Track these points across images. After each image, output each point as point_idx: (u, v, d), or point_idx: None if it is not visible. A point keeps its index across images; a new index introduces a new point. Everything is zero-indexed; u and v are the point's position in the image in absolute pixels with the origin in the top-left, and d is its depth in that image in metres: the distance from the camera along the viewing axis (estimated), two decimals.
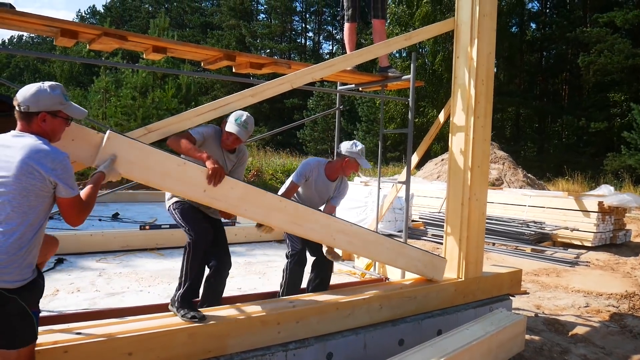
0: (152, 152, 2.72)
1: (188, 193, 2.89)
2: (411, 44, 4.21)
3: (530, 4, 33.21)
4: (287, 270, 3.94)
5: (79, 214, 2.27)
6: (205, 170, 2.85)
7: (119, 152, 2.60)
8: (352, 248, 3.58)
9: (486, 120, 4.25)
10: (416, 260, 3.93)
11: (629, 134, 19.79)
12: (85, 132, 2.64)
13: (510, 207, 10.55)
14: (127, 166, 2.64)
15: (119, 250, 5.93)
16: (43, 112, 2.23)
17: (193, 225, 3.19)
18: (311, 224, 3.30)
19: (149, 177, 2.73)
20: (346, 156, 3.91)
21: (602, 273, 7.40)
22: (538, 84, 34.14)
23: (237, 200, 3.00)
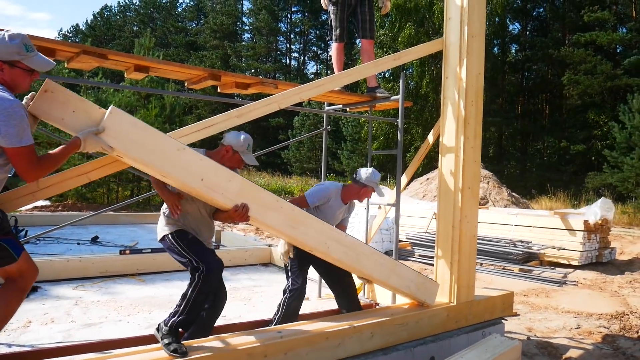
0: (153, 133, 2.67)
1: (185, 180, 2.75)
2: (400, 64, 4.16)
3: (511, 26, 33.90)
4: (283, 305, 3.82)
5: (29, 167, 2.26)
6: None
7: (120, 128, 2.55)
8: (347, 259, 3.44)
9: (476, 142, 4.18)
10: (409, 281, 3.81)
11: (609, 153, 20.06)
12: (87, 106, 2.56)
13: (496, 226, 10.52)
14: (127, 145, 2.57)
15: (98, 276, 5.71)
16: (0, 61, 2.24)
17: (203, 256, 3.05)
18: (306, 228, 3.20)
19: (147, 158, 2.64)
20: (365, 184, 3.95)
21: (590, 292, 7.36)
22: (519, 104, 34.66)
23: (234, 194, 2.90)
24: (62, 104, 2.48)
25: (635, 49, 25.06)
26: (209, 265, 3.02)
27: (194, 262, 3.02)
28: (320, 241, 3.28)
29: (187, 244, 3.08)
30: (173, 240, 3.10)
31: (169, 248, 3.15)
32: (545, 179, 26.42)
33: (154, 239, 8.76)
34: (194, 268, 3.03)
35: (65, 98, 2.50)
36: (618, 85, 24.76)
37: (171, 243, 3.11)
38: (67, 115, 2.49)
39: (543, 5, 33.78)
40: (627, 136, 19.31)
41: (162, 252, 6.44)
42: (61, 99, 2.49)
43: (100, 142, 2.48)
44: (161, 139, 2.69)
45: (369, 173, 3.96)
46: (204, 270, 2.99)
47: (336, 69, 4.75)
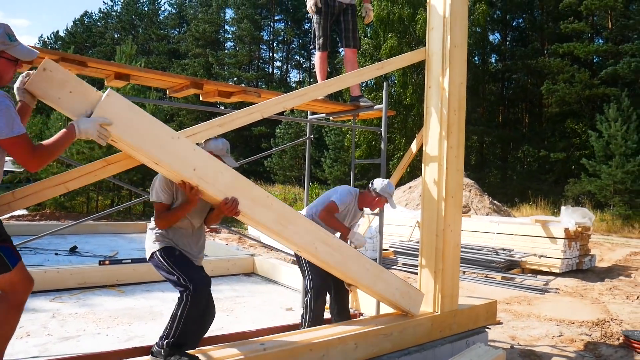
0: (149, 119, 2.66)
1: (177, 168, 2.72)
2: (383, 73, 4.16)
3: (491, 36, 34.42)
4: (309, 307, 3.86)
5: (26, 156, 2.24)
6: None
7: (116, 112, 2.53)
8: (333, 261, 3.41)
9: (459, 151, 4.20)
10: (394, 288, 3.79)
11: (587, 161, 20.42)
12: (85, 88, 2.53)
13: (478, 234, 10.59)
14: (122, 129, 2.55)
15: (76, 287, 5.59)
16: None
17: (189, 274, 2.96)
18: (295, 227, 3.18)
19: (141, 143, 2.61)
20: (380, 194, 4.04)
21: (571, 300, 7.42)
22: (500, 113, 35.14)
23: (226, 186, 2.89)
24: (60, 84, 2.45)
25: (611, 60, 25.61)
26: (196, 283, 2.93)
27: (181, 280, 2.93)
28: (309, 241, 3.26)
29: (174, 261, 2.99)
30: (161, 257, 3.01)
31: (157, 266, 3.05)
32: (526, 186, 26.76)
33: (134, 248, 8.66)
34: (181, 287, 2.94)
35: (64, 78, 2.48)
36: (595, 95, 25.26)
37: (159, 260, 3.01)
38: (63, 95, 2.46)
39: (522, 16, 34.38)
40: (604, 145, 19.70)
41: (142, 263, 6.34)
42: (59, 78, 2.46)
43: (96, 127, 2.43)
44: (156, 126, 2.69)
45: (384, 184, 4.06)
46: (191, 290, 2.90)
47: (319, 77, 4.74)
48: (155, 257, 3.04)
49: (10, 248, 2.44)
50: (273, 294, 6.05)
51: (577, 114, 27.51)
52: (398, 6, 27.22)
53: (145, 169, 15.59)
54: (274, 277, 6.76)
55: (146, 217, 15.42)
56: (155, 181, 3.03)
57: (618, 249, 13.64)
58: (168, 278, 3.03)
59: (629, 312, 6.72)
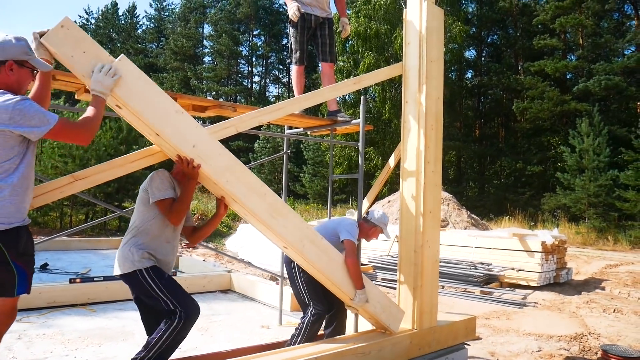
0: (156, 89, 2.73)
1: (177, 142, 2.74)
2: (360, 87, 4.15)
3: (467, 52, 35.01)
4: (306, 327, 3.78)
5: (74, 135, 2.36)
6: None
7: (126, 76, 2.59)
8: (319, 262, 3.37)
9: (436, 166, 4.19)
10: (376, 301, 3.74)
11: (562, 175, 20.79)
12: (98, 50, 2.56)
13: (457, 248, 10.61)
14: (129, 93, 2.60)
15: (45, 307, 5.38)
16: (10, 60, 2.31)
17: (182, 299, 2.83)
18: (285, 221, 3.17)
19: (146, 112, 2.65)
20: (375, 224, 4.11)
21: (549, 314, 7.45)
22: (477, 128, 35.66)
23: (223, 168, 2.90)
24: (75, 42, 2.48)
25: (583, 77, 26.28)
26: (188, 311, 2.81)
27: (170, 305, 2.78)
28: (297, 238, 3.23)
29: (165, 284, 2.83)
30: (148, 277, 2.81)
31: (137, 284, 2.85)
32: (503, 200, 27.11)
33: (108, 265, 8.43)
34: (169, 312, 2.80)
35: (79, 37, 2.50)
36: (568, 110, 25.83)
37: (145, 280, 2.81)
38: (77, 54, 2.48)
39: (497, 33, 35.12)
40: (577, 159, 20.10)
41: (116, 280, 6.16)
42: (75, 36, 2.49)
43: (109, 78, 2.48)
44: (163, 97, 2.73)
45: (380, 214, 4.13)
46: (182, 317, 2.77)
47: (296, 92, 4.70)
48: (138, 275, 2.83)
49: (26, 274, 2.32)
50: (250, 311, 5.93)
51: (551, 129, 28.07)
52: (375, 22, 27.55)
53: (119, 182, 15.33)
54: (251, 295, 6.64)
55: (121, 233, 15.11)
56: (151, 182, 2.91)
57: (594, 261, 13.82)
58: (147, 301, 2.88)
59: (606, 326, 6.76)
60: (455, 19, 28.44)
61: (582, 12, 27.03)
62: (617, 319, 7.10)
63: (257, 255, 10.26)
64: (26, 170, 2.30)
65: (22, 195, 2.30)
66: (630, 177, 17.95)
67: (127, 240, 2.95)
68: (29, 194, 2.36)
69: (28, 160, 2.31)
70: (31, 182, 2.38)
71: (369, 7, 28.05)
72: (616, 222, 18.74)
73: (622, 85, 23.55)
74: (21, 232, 2.30)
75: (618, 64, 24.33)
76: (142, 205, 2.95)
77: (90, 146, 15.60)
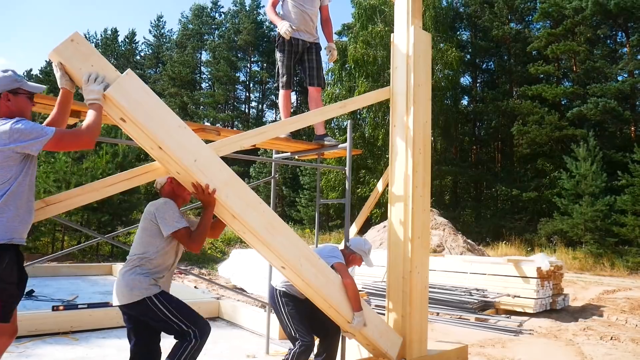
0: (160, 104, 2.80)
1: (179, 155, 2.79)
2: (346, 111, 4.12)
3: (462, 79, 35.35)
4: (292, 356, 3.64)
5: (74, 143, 2.46)
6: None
7: (132, 90, 2.67)
8: (316, 283, 3.31)
9: (425, 190, 4.13)
10: (373, 325, 3.65)
11: (559, 200, 20.74)
12: (105, 64, 2.67)
13: (452, 274, 10.47)
14: (134, 106, 2.67)
15: (26, 335, 5.22)
16: (4, 92, 2.46)
17: (194, 320, 2.87)
18: (283, 238, 3.16)
19: (150, 125, 2.71)
20: (354, 252, 3.98)
21: (545, 342, 7.29)
22: (473, 153, 35.75)
23: (222, 183, 2.92)
24: (84, 56, 2.60)
25: (578, 101, 26.49)
26: (202, 329, 2.85)
27: (183, 326, 2.82)
28: (295, 256, 3.20)
29: (175, 307, 2.87)
30: (158, 303, 2.84)
31: (146, 311, 2.84)
32: (499, 225, 26.97)
33: (96, 292, 8.27)
34: (182, 333, 2.82)
35: (88, 52, 2.62)
36: (565, 135, 25.94)
37: (154, 306, 2.83)
38: (85, 67, 2.59)
39: (492, 60, 35.52)
40: (574, 184, 20.08)
41: (100, 308, 6.03)
42: (84, 51, 2.60)
43: (100, 88, 2.55)
44: (166, 111, 2.82)
45: (358, 242, 4.03)
46: (197, 336, 2.81)
47: (283, 115, 4.67)
48: (148, 302, 2.83)
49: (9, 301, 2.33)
50: (236, 340, 5.77)
51: (547, 154, 28.15)
52: (372, 48, 27.86)
53: (114, 209, 15.23)
54: (239, 322, 6.48)
55: (114, 259, 14.92)
56: (162, 213, 2.88)
57: (591, 287, 13.66)
58: (158, 325, 2.89)
59: (603, 354, 6.61)
60: (450, 45, 28.80)
61: (575, 39, 27.42)
62: (614, 347, 6.95)
63: (250, 281, 10.10)
64: (19, 188, 2.38)
65: (10, 215, 2.34)
66: (627, 201, 17.91)
67: (129, 268, 2.92)
68: (20, 214, 2.39)
69: (24, 180, 2.41)
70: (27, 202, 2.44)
71: (366, 34, 28.41)
72: (613, 247, 18.60)
73: (618, 110, 23.74)
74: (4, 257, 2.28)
75: (612, 89, 24.56)
76: (147, 236, 2.93)
77: (85, 171, 15.55)
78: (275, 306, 3.77)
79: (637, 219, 17.45)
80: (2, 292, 2.27)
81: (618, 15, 25.88)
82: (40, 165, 15.77)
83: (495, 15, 33.06)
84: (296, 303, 3.68)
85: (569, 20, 26.82)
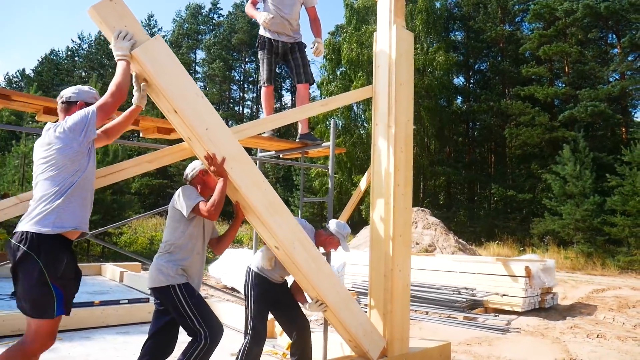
0: (182, 71, 2.95)
1: (193, 122, 2.93)
2: (328, 110, 4.13)
3: (455, 79, 35.46)
4: (244, 351, 3.58)
5: (110, 103, 2.68)
6: None
7: (158, 53, 2.83)
8: (307, 268, 3.36)
9: (406, 189, 4.14)
10: (358, 323, 3.65)
11: (549, 201, 20.85)
12: (138, 27, 2.83)
13: (442, 273, 10.50)
14: (158, 69, 2.82)
15: (9, 335, 5.21)
16: (81, 101, 2.79)
17: (208, 319, 2.94)
18: (281, 220, 3.24)
19: (170, 89, 2.86)
20: (332, 234, 3.90)
21: (532, 339, 7.33)
22: (467, 153, 35.85)
23: (230, 155, 3.05)
24: (119, 16, 2.76)
25: (570, 103, 26.62)
26: (213, 332, 2.89)
27: (196, 323, 2.89)
28: (289, 238, 3.26)
29: (195, 302, 2.95)
30: (180, 293, 2.95)
31: (168, 298, 2.97)
32: (493, 225, 27.05)
33: (84, 291, 8.21)
34: (194, 331, 2.89)
35: (124, 12, 2.78)
36: (556, 137, 26.06)
37: (175, 295, 2.94)
38: (119, 26, 2.75)
39: (485, 60, 35.64)
40: (563, 184, 20.20)
41: (85, 307, 6.01)
42: (119, 11, 2.77)
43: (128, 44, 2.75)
44: (187, 79, 2.97)
45: (338, 224, 3.95)
46: (208, 338, 2.86)
47: (265, 112, 4.68)
48: (171, 290, 2.95)
49: (63, 294, 2.48)
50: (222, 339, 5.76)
51: (539, 155, 28.28)
52: (366, 48, 27.92)
53: (105, 208, 15.16)
54: (226, 321, 6.47)
55: (105, 259, 14.87)
56: (179, 197, 3.07)
57: (581, 286, 13.73)
58: (178, 313, 2.96)
59: (589, 352, 6.65)
60: (441, 46, 28.96)
61: (567, 40, 27.55)
62: (600, 345, 7.00)
63: (240, 281, 10.08)
64: (84, 181, 2.63)
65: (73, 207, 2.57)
66: (617, 202, 18.02)
67: (160, 254, 3.10)
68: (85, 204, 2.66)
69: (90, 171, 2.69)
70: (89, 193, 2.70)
71: (360, 34, 28.47)
72: (604, 247, 18.72)
73: (608, 112, 23.88)
74: (62, 254, 2.47)
75: (603, 91, 24.71)
76: (173, 222, 3.12)
77: None
78: (245, 286, 3.76)
79: (627, 219, 17.55)
80: (66, 289, 2.49)
81: (608, 18, 26.02)
82: (30, 164, 15.71)
83: (489, 17, 33.17)
84: (265, 287, 3.65)
85: (560, 21, 26.95)
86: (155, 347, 3.09)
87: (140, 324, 6.09)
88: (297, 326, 3.77)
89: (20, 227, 2.46)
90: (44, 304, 2.40)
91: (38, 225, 2.40)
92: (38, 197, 2.49)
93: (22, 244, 2.38)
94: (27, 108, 3.42)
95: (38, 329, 2.45)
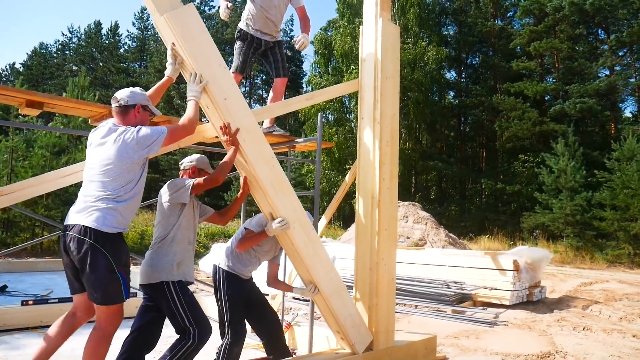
0: (210, 39, 3.10)
1: (213, 89, 3.03)
2: (313, 103, 4.13)
3: (447, 74, 35.51)
4: (224, 352, 3.52)
5: (182, 132, 2.90)
6: None
7: (187, 20, 2.98)
8: (304, 250, 3.39)
9: (392, 183, 4.15)
10: (348, 314, 3.67)
11: (540, 195, 20.97)
12: None
13: (431, 267, 10.55)
14: (186, 35, 2.97)
15: None
16: (138, 104, 2.92)
17: (198, 318, 3.02)
18: (285, 198, 3.30)
19: (195, 53, 3.00)
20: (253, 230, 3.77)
21: (519, 332, 7.39)
22: (458, 148, 35.97)
23: (243, 127, 3.13)
24: None
25: (559, 99, 26.75)
26: (201, 332, 2.93)
27: (186, 322, 2.93)
28: (291, 217, 3.30)
29: (187, 301, 2.99)
30: (174, 291, 3.00)
31: (161, 295, 3.00)
32: (484, 219, 27.19)
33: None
34: (183, 329, 2.93)
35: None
36: (546, 131, 26.21)
37: (168, 292, 2.98)
38: None
39: (477, 55, 35.71)
40: (554, 179, 20.32)
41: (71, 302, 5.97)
42: None
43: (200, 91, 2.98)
44: (213, 48, 3.10)
45: (258, 218, 3.80)
46: (195, 337, 2.90)
47: None
48: (165, 287, 3.00)
49: (126, 279, 2.73)
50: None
51: (529, 148, 28.43)
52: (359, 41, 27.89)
53: None
54: (213, 316, 6.47)
55: None
56: (172, 186, 3.17)
57: (570, 279, 13.85)
58: (169, 310, 3.01)
59: (574, 344, 6.72)
60: (432, 39, 28.99)
61: (557, 36, 27.65)
62: (585, 337, 7.07)
63: None
64: (137, 187, 2.81)
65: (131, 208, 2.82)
66: (606, 196, 18.17)
67: (153, 251, 3.12)
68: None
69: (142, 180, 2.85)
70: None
71: (353, 27, 28.44)
72: (593, 240, 18.88)
73: (597, 108, 24.05)
74: (123, 245, 2.75)
75: (592, 86, 24.86)
76: (162, 217, 3.18)
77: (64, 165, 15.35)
78: (216, 286, 3.67)
79: (616, 213, 17.71)
80: (127, 275, 2.74)
81: (594, 15, 26.14)
82: (19, 161, 15.58)
83: (480, 11, 33.21)
84: (238, 285, 3.60)
85: (550, 17, 27.05)
86: (138, 341, 3.09)
87: (127, 319, 6.06)
88: (268, 322, 3.75)
89: (78, 220, 2.64)
90: (114, 290, 2.65)
91: (98, 223, 2.63)
92: (96, 195, 2.67)
93: (87, 238, 2.59)
94: (10, 101, 3.39)
95: (111, 313, 2.71)
